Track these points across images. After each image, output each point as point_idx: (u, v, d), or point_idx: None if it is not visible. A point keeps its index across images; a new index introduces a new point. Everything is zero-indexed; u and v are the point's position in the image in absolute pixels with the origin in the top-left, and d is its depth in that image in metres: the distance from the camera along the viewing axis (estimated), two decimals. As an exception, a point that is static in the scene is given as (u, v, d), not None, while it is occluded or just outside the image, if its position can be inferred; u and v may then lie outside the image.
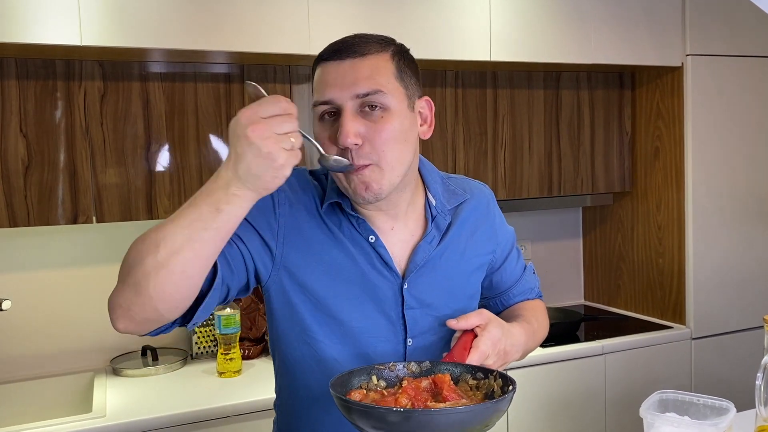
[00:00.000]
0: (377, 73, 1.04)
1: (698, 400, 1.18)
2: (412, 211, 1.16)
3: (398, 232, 1.15)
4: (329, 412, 1.13)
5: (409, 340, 1.15)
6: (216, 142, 2.07)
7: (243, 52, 1.93)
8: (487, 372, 0.99)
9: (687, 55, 2.46)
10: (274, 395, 1.30)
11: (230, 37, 1.89)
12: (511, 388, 0.93)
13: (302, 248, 1.11)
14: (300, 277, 1.11)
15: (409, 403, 0.91)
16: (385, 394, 0.96)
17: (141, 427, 1.74)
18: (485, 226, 1.25)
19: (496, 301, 1.33)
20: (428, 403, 0.92)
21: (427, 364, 1.03)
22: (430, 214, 1.17)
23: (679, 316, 2.55)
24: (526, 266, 1.35)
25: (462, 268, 1.20)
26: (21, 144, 1.87)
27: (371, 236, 1.12)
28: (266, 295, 1.16)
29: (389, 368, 1.02)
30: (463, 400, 0.93)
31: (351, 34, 1.10)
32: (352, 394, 0.95)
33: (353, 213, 1.12)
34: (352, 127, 1.02)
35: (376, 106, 1.03)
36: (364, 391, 0.97)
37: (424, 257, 1.15)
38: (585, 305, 2.94)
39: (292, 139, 0.86)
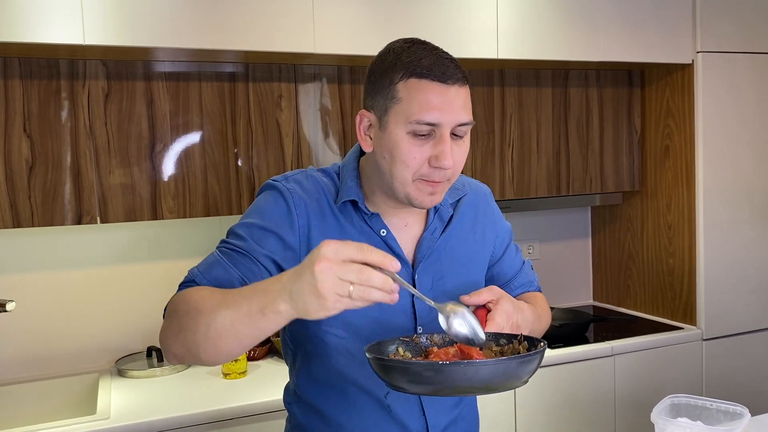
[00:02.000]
0: (469, 102, 1.11)
1: (711, 405, 1.15)
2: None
3: (410, 228, 1.22)
4: (342, 402, 1.19)
5: (419, 328, 1.20)
6: (220, 142, 2.06)
7: (248, 51, 1.91)
8: (510, 337, 1.04)
9: (698, 52, 2.43)
10: (279, 396, 1.31)
11: (235, 35, 1.87)
12: (541, 345, 0.96)
13: (318, 243, 1.13)
14: None
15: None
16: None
17: (145, 429, 1.73)
18: (485, 219, 1.32)
19: None
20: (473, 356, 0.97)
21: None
22: (433, 207, 1.23)
23: (689, 316, 2.51)
24: (524, 262, 1.41)
25: (465, 259, 1.26)
26: (25, 144, 1.86)
27: (383, 230, 1.18)
28: None
29: (413, 340, 1.07)
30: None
31: (425, 46, 1.11)
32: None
33: (367, 211, 1.17)
34: (452, 152, 1.09)
35: (462, 131, 1.10)
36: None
37: (429, 248, 1.21)
38: (594, 306, 2.91)
39: (351, 288, 0.85)
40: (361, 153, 1.21)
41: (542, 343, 0.97)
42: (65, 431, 1.67)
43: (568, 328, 2.42)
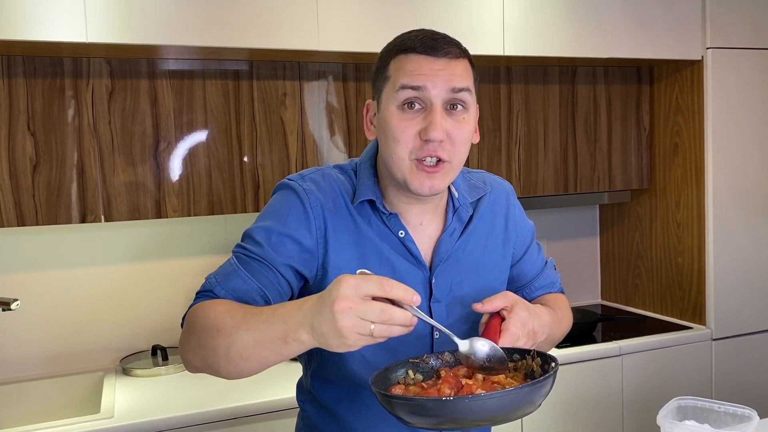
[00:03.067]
0: (466, 74, 1.07)
1: (719, 408, 1.13)
2: (437, 205, 1.18)
3: (426, 227, 1.18)
4: (356, 403, 1.17)
5: (436, 333, 1.17)
6: (225, 141, 2.05)
7: (251, 49, 1.90)
8: (523, 352, 0.99)
9: (707, 48, 2.40)
10: (287, 395, 1.29)
11: (238, 33, 1.86)
12: (553, 365, 0.91)
13: (335, 247, 1.12)
14: (334, 276, 1.11)
15: (452, 392, 0.91)
16: (425, 386, 0.97)
17: (149, 428, 1.72)
18: (506, 218, 1.27)
19: (518, 294, 1.32)
20: (475, 389, 0.92)
21: (462, 354, 1.02)
22: (452, 207, 1.19)
23: (699, 316, 2.49)
24: (547, 261, 1.36)
25: (485, 260, 1.22)
26: (29, 142, 1.86)
27: (401, 231, 1.14)
28: (309, 293, 1.17)
29: (423, 361, 1.02)
30: (508, 380, 0.93)
31: (421, 29, 1.10)
32: (393, 389, 0.95)
33: (385, 210, 1.14)
34: (443, 123, 1.04)
35: (459, 105, 1.06)
36: (403, 386, 0.98)
37: (447, 250, 1.17)
38: (602, 305, 2.89)
39: (372, 327, 0.84)
40: (378, 148, 1.19)
41: (554, 363, 0.92)
42: (68, 430, 1.67)
43: (576, 328, 2.36)
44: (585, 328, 2.42)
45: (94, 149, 1.92)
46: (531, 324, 1.06)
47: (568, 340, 2.28)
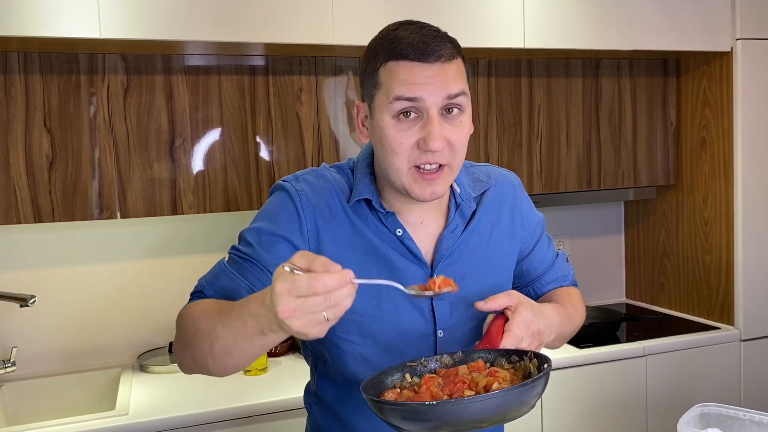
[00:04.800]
0: (460, 75, 1.05)
1: (744, 415, 1.08)
2: (439, 202, 1.16)
3: (427, 225, 1.16)
4: (362, 409, 1.14)
5: (439, 332, 1.14)
6: (240, 137, 2.03)
7: (267, 43, 1.88)
8: (521, 354, 0.96)
9: (737, 39, 2.32)
10: (300, 394, 1.29)
11: (253, 28, 1.84)
12: (546, 366, 0.90)
13: (330, 247, 1.10)
14: None
15: (445, 395, 0.90)
16: (417, 390, 0.94)
17: (163, 425, 1.72)
18: (512, 212, 1.24)
19: (529, 289, 1.30)
20: (465, 392, 0.90)
21: (459, 354, 1.01)
22: (454, 203, 1.17)
23: (727, 316, 2.41)
24: (558, 254, 1.32)
25: (489, 257, 1.19)
26: (45, 139, 1.86)
27: (399, 229, 1.12)
28: None
29: (422, 364, 1.00)
30: (502, 384, 0.91)
31: (411, 24, 1.06)
32: (386, 394, 0.93)
33: (382, 209, 1.11)
34: (441, 132, 1.02)
35: (455, 109, 1.04)
36: (398, 390, 0.95)
37: (449, 247, 1.15)
38: (627, 304, 2.82)
39: (325, 314, 0.82)
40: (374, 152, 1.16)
41: (547, 364, 0.90)
42: (84, 427, 1.67)
43: (598, 327, 2.34)
44: (608, 328, 2.36)
45: (110, 146, 1.91)
46: (536, 324, 1.03)
47: (591, 340, 2.23)
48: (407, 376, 0.98)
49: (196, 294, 1.11)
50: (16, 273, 2.09)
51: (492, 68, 2.30)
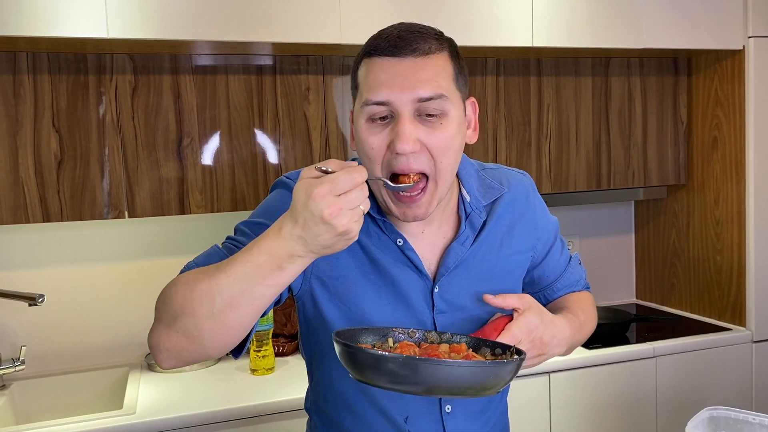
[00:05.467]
0: (439, 76, 0.96)
1: (753, 419, 1.06)
2: (443, 211, 1.10)
3: (429, 235, 1.10)
4: (360, 420, 1.11)
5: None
6: (248, 136, 2.03)
7: (274, 43, 1.87)
8: (505, 348, 0.95)
9: (749, 37, 2.29)
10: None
11: (260, 27, 1.84)
12: (520, 356, 0.90)
13: (330, 256, 1.04)
14: (330, 285, 1.08)
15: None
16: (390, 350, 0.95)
17: (170, 425, 1.71)
18: (524, 220, 1.17)
19: (540, 295, 1.26)
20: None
21: (447, 335, 0.99)
22: (464, 212, 1.10)
23: (738, 317, 2.39)
24: (571, 257, 1.27)
25: (498, 268, 1.13)
26: (54, 139, 1.87)
27: (399, 239, 1.07)
28: (299, 303, 1.14)
29: (408, 334, 0.99)
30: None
31: (399, 24, 1.00)
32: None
33: (380, 217, 1.07)
34: (412, 133, 0.95)
35: (434, 114, 0.96)
36: (373, 347, 0.94)
37: (456, 259, 1.09)
38: (637, 304, 2.80)
39: (362, 207, 0.84)
40: None
41: (522, 355, 0.90)
42: (91, 426, 1.67)
43: (608, 328, 2.32)
44: (618, 329, 2.34)
45: (118, 145, 1.92)
46: (540, 332, 0.99)
47: (600, 341, 2.21)
48: (390, 341, 0.97)
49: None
50: (25, 272, 2.10)
51: (500, 67, 2.28)
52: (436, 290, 1.08)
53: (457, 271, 1.09)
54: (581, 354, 2.12)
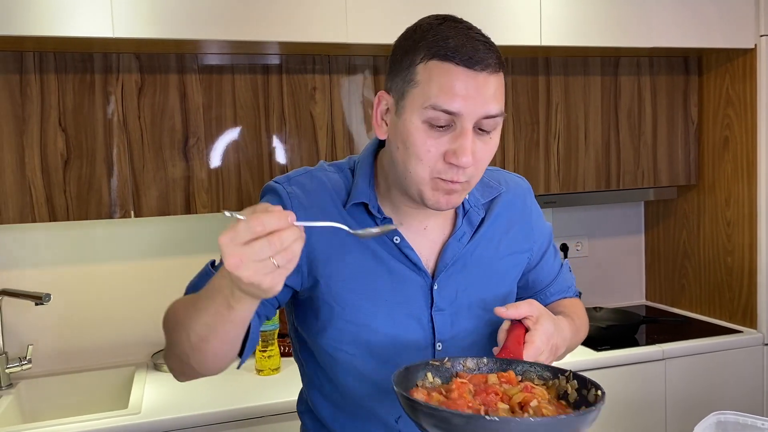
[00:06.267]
0: (502, 93, 0.98)
1: (762, 424, 1.04)
2: None
3: (430, 232, 1.10)
4: (352, 422, 1.11)
5: (438, 344, 1.09)
6: (254, 136, 2.03)
7: (280, 42, 1.87)
8: (556, 372, 0.92)
9: (761, 36, 2.26)
10: None
11: (267, 26, 1.83)
12: (597, 392, 0.85)
13: (325, 254, 1.05)
14: (326, 284, 1.06)
15: (481, 406, 0.85)
16: (445, 393, 0.89)
17: (175, 425, 1.71)
18: (522, 222, 1.18)
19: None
20: (498, 405, 0.85)
21: (483, 360, 0.95)
22: (462, 209, 1.11)
23: (749, 319, 2.36)
24: (562, 264, 1.28)
25: (496, 266, 1.14)
26: (60, 138, 1.87)
27: (396, 237, 1.06)
28: (293, 304, 1.13)
29: (444, 365, 0.95)
30: (542, 402, 0.85)
31: (459, 25, 0.99)
32: (415, 392, 0.88)
33: (378, 215, 1.06)
34: (473, 148, 0.95)
35: (488, 130, 0.97)
36: (424, 391, 0.90)
37: (453, 255, 1.09)
38: (647, 306, 2.77)
39: (274, 261, 0.76)
40: (380, 145, 1.11)
41: (599, 391, 0.85)
42: (96, 425, 1.67)
43: (617, 330, 2.30)
44: (627, 330, 2.32)
45: (124, 145, 1.92)
46: (555, 338, 0.99)
47: (609, 343, 2.19)
48: (429, 375, 0.93)
49: None
50: (32, 271, 2.11)
51: (508, 66, 2.27)
52: (435, 287, 1.08)
53: (455, 268, 1.09)
54: (589, 356, 2.10)
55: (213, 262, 1.06)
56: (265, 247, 0.75)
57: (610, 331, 2.26)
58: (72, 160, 1.88)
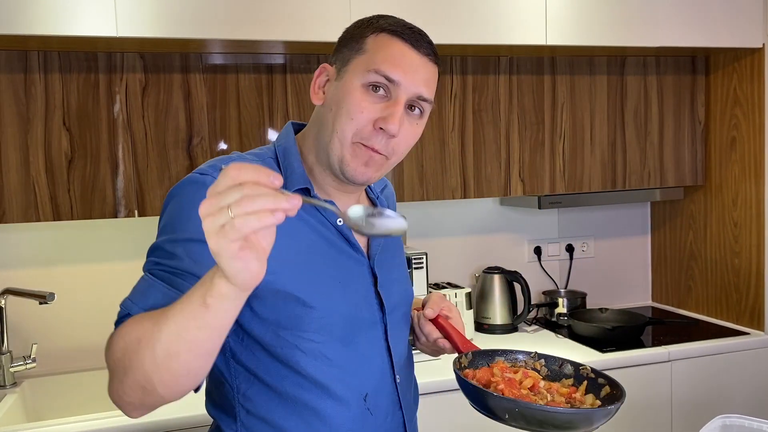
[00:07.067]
0: (435, 84, 1.07)
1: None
2: (360, 195, 1.20)
3: None
4: (318, 415, 1.05)
5: (386, 318, 1.14)
6: (258, 135, 2.02)
7: (285, 41, 1.86)
8: (576, 365, 1.13)
9: (769, 35, 2.25)
10: None
11: (271, 26, 1.83)
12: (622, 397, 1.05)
13: (277, 244, 0.98)
14: (277, 273, 0.98)
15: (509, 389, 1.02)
16: (475, 373, 1.08)
17: (178, 425, 1.71)
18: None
19: None
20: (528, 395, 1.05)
21: (469, 356, 1.12)
22: (373, 194, 1.24)
23: (757, 321, 2.34)
24: None
25: (397, 247, 1.26)
26: (64, 137, 1.87)
27: (339, 219, 1.09)
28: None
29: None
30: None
31: (414, 25, 1.08)
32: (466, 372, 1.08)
33: (321, 199, 1.08)
34: (401, 120, 1.02)
35: (417, 110, 1.05)
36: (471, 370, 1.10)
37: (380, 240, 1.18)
38: (653, 307, 2.75)
39: (231, 215, 0.67)
40: (296, 131, 1.12)
41: (617, 391, 1.06)
42: (97, 425, 1.67)
43: (623, 331, 2.28)
44: (633, 332, 2.30)
45: (128, 144, 1.92)
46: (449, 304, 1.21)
47: (614, 344, 2.17)
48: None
49: (122, 320, 0.94)
50: (36, 270, 2.11)
51: (514, 66, 2.26)
52: (375, 270, 1.13)
53: (381, 248, 1.16)
54: (595, 357, 2.09)
55: (150, 275, 0.97)
56: (233, 196, 0.68)
57: (616, 332, 2.25)
58: (76, 159, 1.88)
